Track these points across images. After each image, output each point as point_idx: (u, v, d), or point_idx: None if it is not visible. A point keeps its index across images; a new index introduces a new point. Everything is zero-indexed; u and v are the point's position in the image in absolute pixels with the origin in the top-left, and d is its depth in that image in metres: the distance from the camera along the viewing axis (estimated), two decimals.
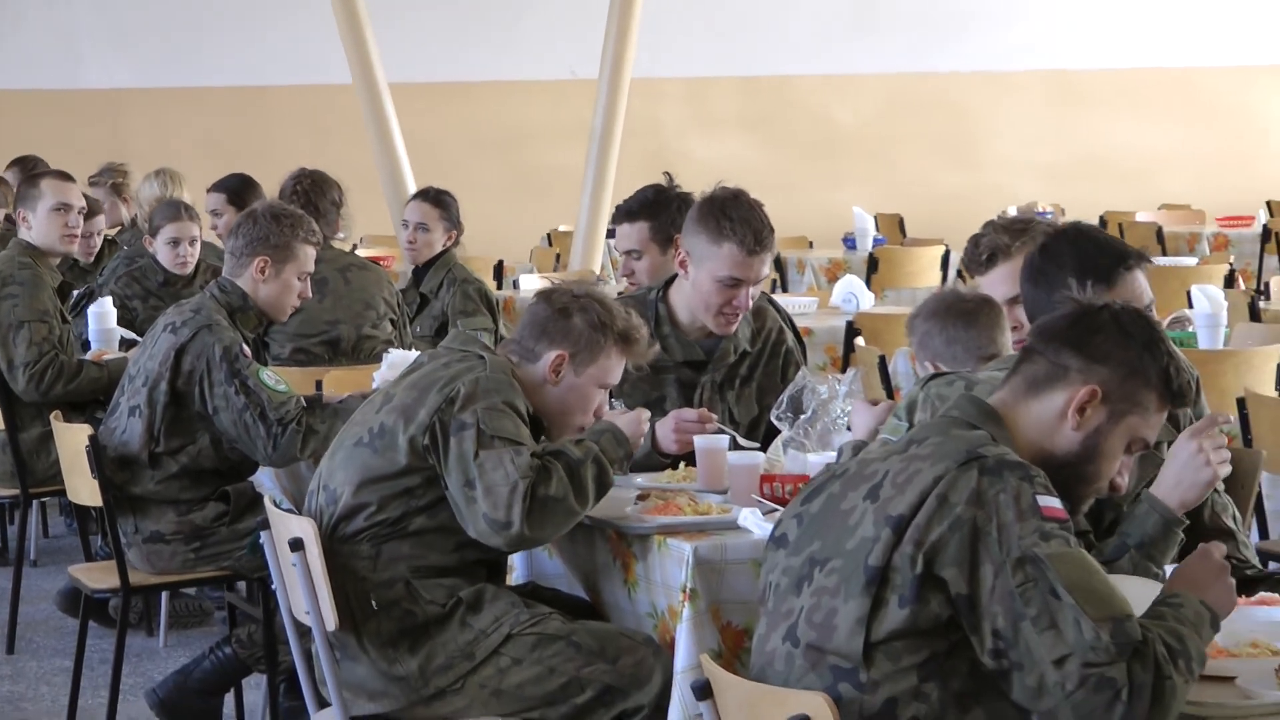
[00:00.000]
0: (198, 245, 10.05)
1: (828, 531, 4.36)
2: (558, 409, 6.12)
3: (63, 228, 9.58)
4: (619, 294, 7.48)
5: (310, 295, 8.31)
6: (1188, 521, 5.10)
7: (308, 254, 8.04)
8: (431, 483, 5.88)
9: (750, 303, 6.98)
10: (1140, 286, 5.39)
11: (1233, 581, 4.37)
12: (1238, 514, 5.63)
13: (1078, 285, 5.24)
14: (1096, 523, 5.41)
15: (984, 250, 6.51)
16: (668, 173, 8.04)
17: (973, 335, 6.05)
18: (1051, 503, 4.18)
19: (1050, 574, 4.09)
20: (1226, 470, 5.11)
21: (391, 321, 9.76)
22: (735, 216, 6.86)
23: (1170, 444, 5.31)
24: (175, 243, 9.80)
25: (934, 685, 4.19)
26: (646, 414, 6.26)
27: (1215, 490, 5.51)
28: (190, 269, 10.04)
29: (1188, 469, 4.98)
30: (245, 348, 7.72)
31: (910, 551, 4.18)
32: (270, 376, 7.67)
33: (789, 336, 7.34)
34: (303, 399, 7.78)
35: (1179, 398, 4.50)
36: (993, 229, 6.55)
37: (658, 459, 6.77)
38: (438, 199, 10.76)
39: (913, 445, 4.39)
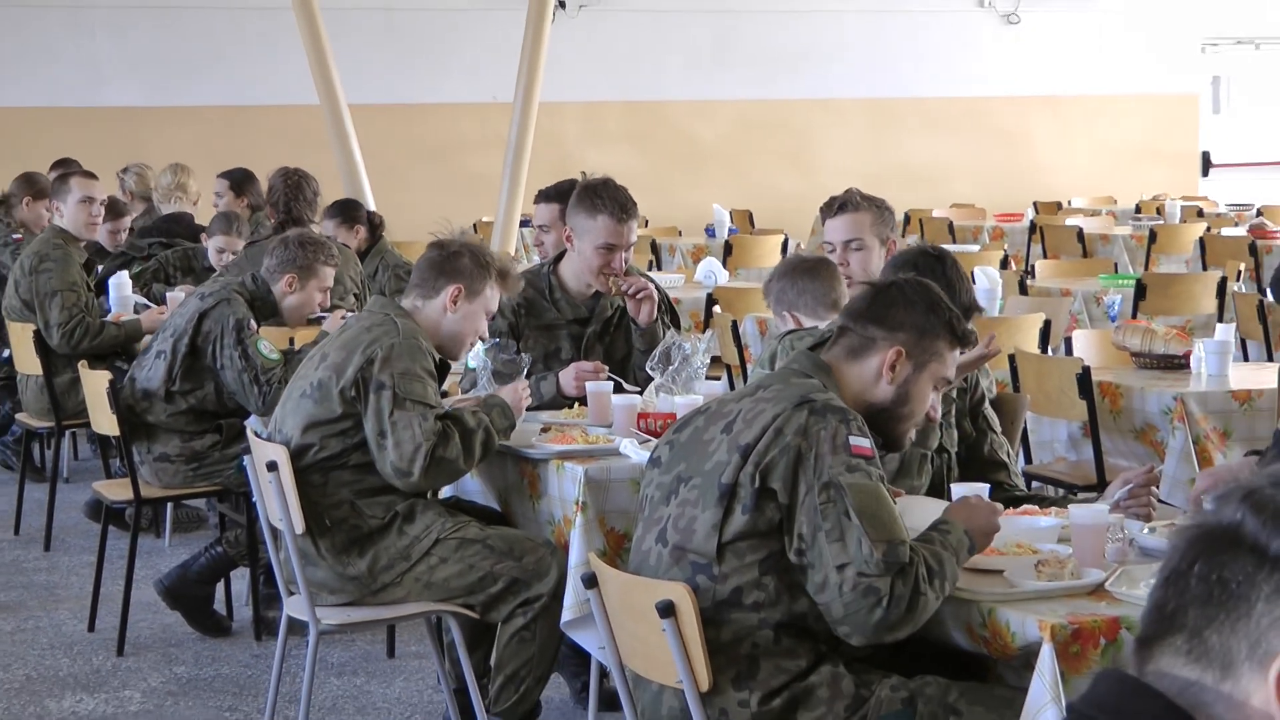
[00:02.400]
0: (239, 253, 9.90)
1: (692, 456, 4.41)
2: (455, 331, 6.16)
3: (87, 216, 9.70)
4: (525, 270, 7.50)
5: (328, 304, 8.38)
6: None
7: (327, 273, 8.15)
8: (361, 424, 5.90)
9: (624, 265, 7.03)
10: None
11: (998, 523, 4.45)
12: (1010, 450, 5.67)
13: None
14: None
15: (839, 201, 6.58)
16: (584, 172, 8.11)
17: (818, 285, 6.11)
18: (862, 443, 4.26)
19: (847, 499, 4.16)
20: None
21: (355, 295, 9.73)
22: (605, 195, 6.96)
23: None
24: (221, 251, 9.83)
25: (771, 577, 4.24)
26: (525, 385, 6.33)
27: (992, 430, 5.57)
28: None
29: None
30: (253, 323, 7.77)
31: (751, 471, 4.25)
32: (266, 347, 7.74)
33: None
34: (284, 360, 7.82)
35: (964, 339, 4.60)
36: (850, 191, 6.60)
37: (562, 400, 6.84)
38: (335, 210, 10.68)
39: (760, 390, 4.46)
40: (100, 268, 10.46)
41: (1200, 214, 17.90)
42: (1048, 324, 8.87)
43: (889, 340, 4.48)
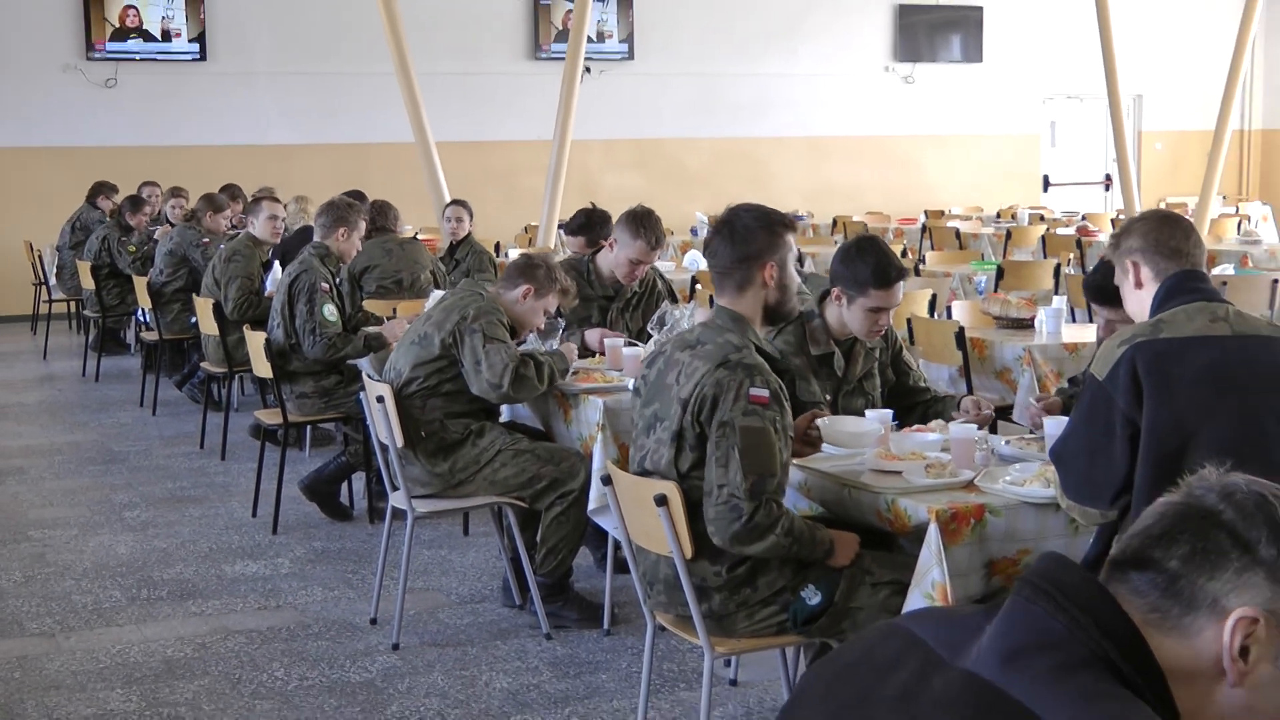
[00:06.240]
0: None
1: (660, 398, 4.31)
2: (520, 316, 6.17)
3: (272, 229, 9.98)
4: (563, 259, 7.49)
5: (361, 248, 8.48)
6: None
7: (362, 225, 8.18)
8: (453, 364, 5.92)
9: (643, 273, 7.02)
10: (898, 293, 5.15)
11: (853, 551, 4.28)
12: (925, 377, 5.60)
13: (870, 282, 5.04)
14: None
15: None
16: (593, 202, 8.21)
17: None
18: (760, 393, 4.10)
19: (734, 436, 4.07)
20: None
21: (432, 273, 9.76)
22: (648, 226, 6.92)
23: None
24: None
25: None
26: (575, 348, 6.41)
27: (911, 369, 5.52)
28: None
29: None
30: (324, 285, 7.80)
31: (690, 420, 4.17)
32: (330, 311, 7.76)
33: (660, 283, 7.34)
34: (343, 330, 7.83)
35: (793, 225, 4.43)
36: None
37: (585, 351, 6.89)
38: (464, 204, 10.99)
39: (699, 344, 4.28)
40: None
41: (1042, 219, 17.90)
42: (934, 297, 8.84)
43: (758, 263, 4.29)
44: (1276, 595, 1.64)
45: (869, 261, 5.05)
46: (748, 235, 4.30)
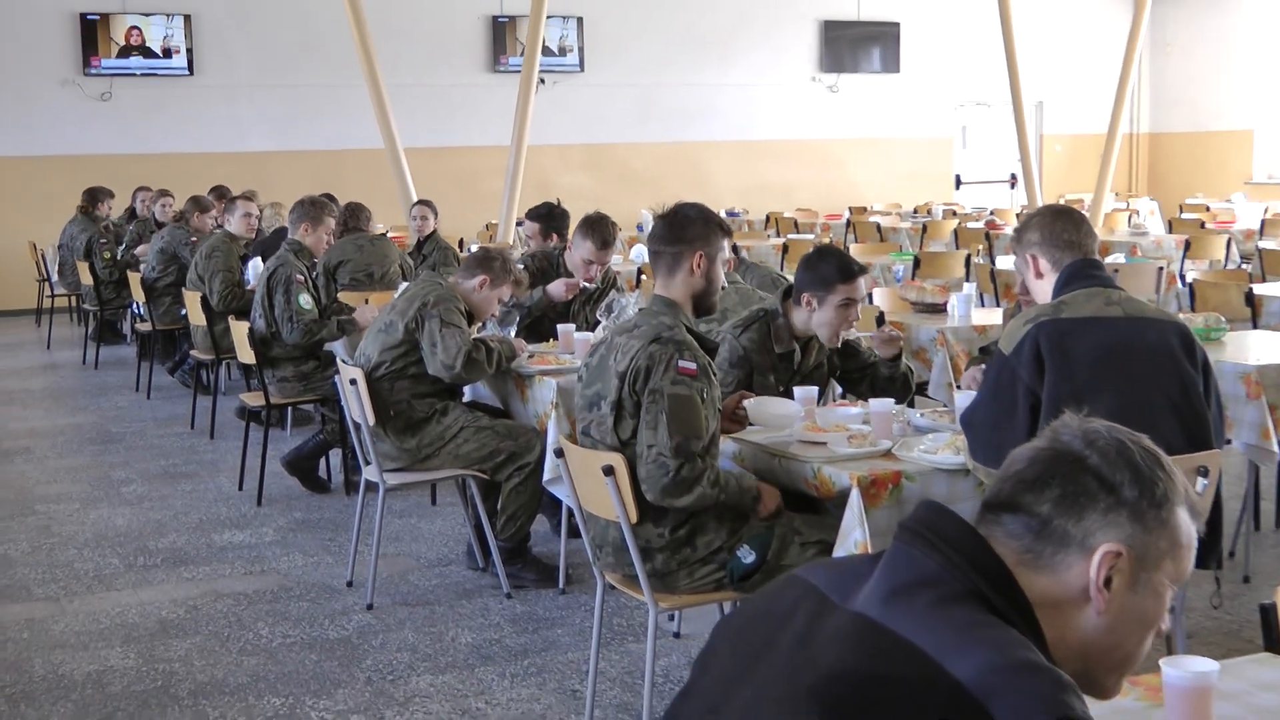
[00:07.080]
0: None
1: (601, 379, 4.30)
2: (477, 304, 6.14)
3: (247, 225, 9.95)
4: (535, 250, 7.48)
5: (332, 243, 8.46)
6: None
7: (330, 222, 8.08)
8: (416, 348, 5.90)
9: (599, 273, 6.99)
10: (861, 286, 5.13)
11: (775, 501, 4.30)
12: (874, 354, 5.60)
13: (836, 279, 5.02)
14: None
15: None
16: (559, 199, 8.16)
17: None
18: (688, 365, 4.13)
19: (663, 403, 4.08)
20: None
21: (400, 267, 9.73)
22: (598, 229, 6.93)
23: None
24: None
25: None
26: (525, 344, 6.31)
27: (860, 348, 5.51)
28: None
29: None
30: (299, 276, 7.73)
31: (627, 390, 4.17)
32: (306, 300, 7.70)
33: (614, 278, 7.33)
34: (319, 317, 7.76)
35: (729, 230, 4.43)
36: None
37: (548, 306, 6.92)
38: (429, 204, 10.95)
39: (635, 328, 4.30)
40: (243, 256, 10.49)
41: (954, 214, 17.96)
42: None
43: (690, 250, 4.31)
44: (1137, 531, 1.69)
45: (831, 262, 5.11)
46: (685, 223, 4.34)
